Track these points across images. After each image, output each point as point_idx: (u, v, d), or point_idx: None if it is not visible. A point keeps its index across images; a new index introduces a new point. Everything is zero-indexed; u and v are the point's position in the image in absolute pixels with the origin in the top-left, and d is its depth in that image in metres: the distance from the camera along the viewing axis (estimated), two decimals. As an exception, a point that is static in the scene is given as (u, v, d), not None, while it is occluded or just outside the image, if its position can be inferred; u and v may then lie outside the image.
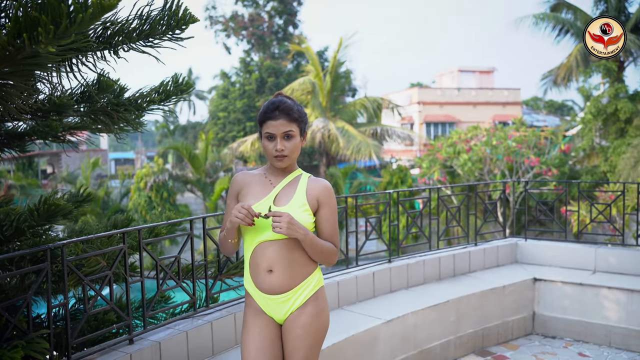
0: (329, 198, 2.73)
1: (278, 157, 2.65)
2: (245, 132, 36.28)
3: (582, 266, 5.85)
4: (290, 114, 2.64)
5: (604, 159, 18.80)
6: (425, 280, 5.49)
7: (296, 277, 2.67)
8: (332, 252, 2.71)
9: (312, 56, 23.01)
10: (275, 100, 2.70)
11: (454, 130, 21.60)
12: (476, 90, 38.35)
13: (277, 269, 2.64)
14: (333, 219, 2.75)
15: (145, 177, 19.89)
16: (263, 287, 2.69)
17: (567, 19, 22.88)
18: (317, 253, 2.65)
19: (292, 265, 2.65)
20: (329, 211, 2.73)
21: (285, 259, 2.64)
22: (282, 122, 2.62)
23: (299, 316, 2.69)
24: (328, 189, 2.74)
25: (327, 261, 2.72)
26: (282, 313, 2.71)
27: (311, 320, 2.70)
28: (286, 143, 2.64)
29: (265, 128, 2.65)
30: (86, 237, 3.13)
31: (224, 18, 38.21)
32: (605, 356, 5.09)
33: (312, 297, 2.71)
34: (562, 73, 22.13)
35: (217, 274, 3.96)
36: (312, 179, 2.76)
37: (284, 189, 2.71)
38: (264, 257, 2.65)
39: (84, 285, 3.11)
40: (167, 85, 3.60)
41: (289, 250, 2.64)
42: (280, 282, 2.65)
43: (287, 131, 2.63)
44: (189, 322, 3.74)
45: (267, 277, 2.66)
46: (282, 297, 2.67)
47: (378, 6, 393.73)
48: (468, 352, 5.15)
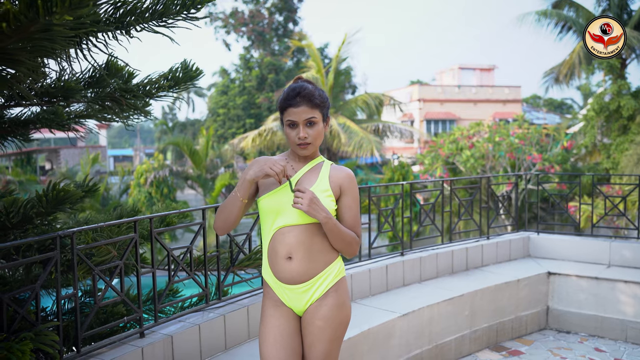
0: (351, 185, 2.62)
1: (301, 145, 2.54)
2: (245, 129, 36.17)
3: (597, 260, 5.74)
4: (312, 100, 2.53)
5: (607, 156, 18.70)
6: (439, 274, 5.38)
7: (316, 265, 2.55)
8: (354, 240, 2.59)
9: (313, 52, 22.85)
10: (295, 85, 2.58)
11: (456, 127, 21.51)
12: (476, 87, 38.26)
13: (296, 256, 2.52)
14: (355, 207, 2.63)
15: (146, 173, 19.73)
16: (282, 275, 2.56)
17: (569, 16, 22.77)
18: (338, 240, 2.53)
19: (312, 251, 2.53)
20: (352, 199, 2.61)
21: (305, 245, 2.52)
22: (304, 109, 2.51)
23: (319, 307, 2.57)
24: (351, 177, 2.63)
25: (348, 250, 2.60)
26: (302, 304, 2.59)
27: (332, 312, 2.58)
28: (309, 130, 2.53)
29: (286, 115, 2.54)
30: (97, 224, 3.01)
31: (224, 14, 38.09)
32: (622, 351, 4.98)
33: (332, 288, 2.59)
34: (564, 70, 22.03)
35: (230, 265, 3.84)
36: (334, 166, 2.65)
37: (305, 175, 2.60)
38: (283, 244, 2.53)
39: (94, 276, 2.98)
40: (177, 72, 3.47)
41: (310, 235, 2.53)
42: (300, 270, 2.53)
43: (309, 118, 2.52)
44: (201, 316, 3.62)
45: (286, 264, 2.54)
46: (301, 287, 2.55)
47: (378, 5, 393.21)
48: (482, 347, 5.04)
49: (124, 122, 3.62)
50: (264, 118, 34.92)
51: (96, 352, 3.03)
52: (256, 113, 38.05)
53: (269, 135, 21.79)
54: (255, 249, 3.96)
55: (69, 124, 3.59)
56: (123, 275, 3.16)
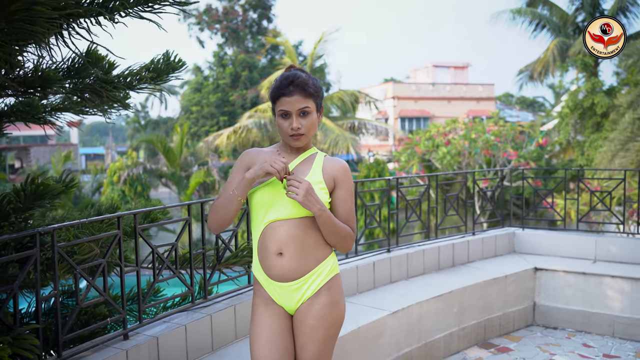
0: (346, 178, 2.50)
1: (294, 136, 2.42)
2: (218, 126, 35.82)
3: (582, 255, 5.71)
4: (305, 89, 2.41)
5: (581, 153, 18.89)
6: (425, 271, 5.29)
7: (308, 261, 2.43)
8: (348, 235, 2.47)
9: (289, 49, 22.71)
10: (288, 74, 2.46)
11: (432, 124, 21.55)
12: (450, 85, 38.44)
13: (287, 252, 2.40)
14: (350, 200, 2.52)
15: (119, 170, 19.38)
16: (272, 272, 2.44)
17: (543, 14, 22.99)
18: (332, 234, 2.42)
19: (303, 247, 2.42)
20: (346, 192, 2.50)
21: (296, 240, 2.40)
22: (297, 98, 2.39)
23: (311, 306, 2.45)
24: (345, 169, 2.52)
25: (342, 245, 2.48)
26: (294, 302, 2.47)
27: (324, 311, 2.46)
28: (302, 120, 2.41)
29: (279, 105, 2.42)
30: (79, 221, 2.85)
31: (197, 11, 37.65)
32: (610, 346, 4.95)
33: (325, 286, 2.48)
34: (538, 68, 22.24)
35: (216, 263, 3.69)
36: (328, 158, 2.53)
37: (298, 167, 2.48)
38: (273, 239, 2.41)
39: (75, 275, 2.82)
40: (158, 63, 3.32)
41: (302, 230, 2.41)
42: (291, 267, 2.41)
43: (303, 108, 2.40)
44: (186, 316, 3.48)
45: (277, 260, 2.42)
46: (292, 284, 2.44)
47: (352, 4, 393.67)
48: (471, 344, 4.97)
49: (104, 115, 3.45)
50: (238, 115, 34.62)
51: (78, 356, 2.88)
52: (230, 111, 37.75)
53: (244, 133, 21.59)
54: (242, 245, 3.83)
55: (44, 118, 3.41)
56: (106, 274, 3.01)
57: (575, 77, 21.96)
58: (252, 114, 23.42)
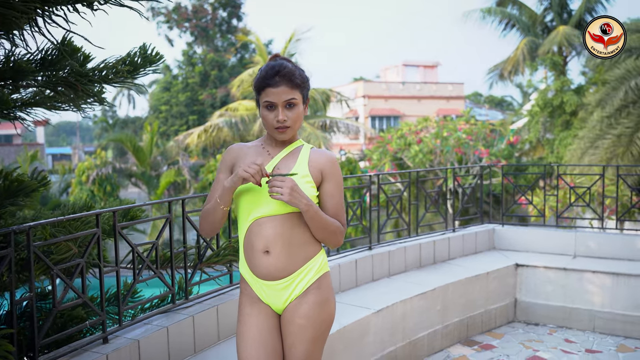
0: (334, 170, 2.40)
1: (280, 129, 2.32)
2: (188, 126, 35.47)
3: (562, 251, 5.71)
4: (292, 80, 2.32)
5: (550, 151, 19.10)
6: (407, 268, 5.23)
7: (296, 259, 2.34)
8: (338, 229, 2.38)
9: (260, 47, 22.56)
10: (274, 64, 2.36)
11: (404, 122, 21.60)
12: (421, 84, 38.63)
13: (274, 249, 2.31)
14: (339, 194, 2.41)
15: (88, 170, 19.01)
16: (259, 271, 2.35)
17: (512, 14, 23.21)
18: (321, 229, 2.32)
19: (291, 245, 2.32)
20: (334, 185, 2.40)
21: (283, 237, 2.31)
22: (284, 89, 2.29)
23: (299, 306, 2.36)
24: (333, 161, 2.41)
25: (332, 240, 2.39)
26: (281, 302, 2.38)
27: (313, 310, 2.37)
28: (288, 112, 2.31)
29: (264, 96, 2.32)
30: (56, 219, 2.70)
31: (166, 9, 37.20)
32: (591, 341, 4.95)
33: (314, 284, 2.38)
34: (509, 67, 22.44)
35: (197, 262, 3.57)
36: (315, 150, 2.43)
37: (283, 160, 2.38)
38: (259, 236, 2.32)
39: (52, 276, 2.68)
40: (135, 56, 3.19)
41: (289, 227, 2.32)
42: (278, 265, 2.32)
43: (289, 99, 2.30)
44: (168, 317, 3.35)
45: (263, 258, 2.32)
46: (280, 283, 2.34)
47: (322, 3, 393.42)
48: (454, 341, 4.92)
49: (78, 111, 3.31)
50: (207, 115, 34.29)
51: (55, 361, 2.73)
52: (199, 110, 37.41)
53: (214, 132, 21.39)
54: (224, 244, 3.71)
55: (14, 113, 3.24)
56: (85, 275, 2.86)
57: (544, 76, 22.22)
58: (222, 112, 23.22)
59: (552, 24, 22.88)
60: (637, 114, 14.76)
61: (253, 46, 38.75)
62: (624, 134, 14.72)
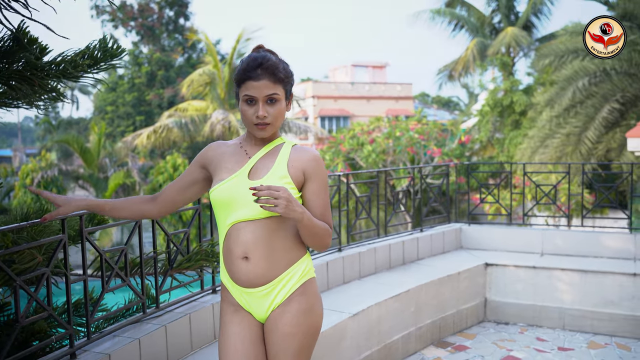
0: (318, 169, 2.23)
1: (259, 125, 2.15)
2: (135, 127, 34.70)
3: (529, 249, 5.71)
4: (275, 74, 2.15)
5: (501, 150, 19.40)
6: (377, 269, 5.12)
7: (277, 265, 2.18)
8: (327, 233, 2.22)
9: (210, 46, 22.17)
10: (256, 55, 2.18)
11: (356, 123, 21.61)
12: (369, 84, 38.79)
13: (253, 255, 2.15)
14: (324, 194, 2.25)
15: (32, 173, 18.27)
16: (238, 277, 2.19)
17: (461, 15, 23.53)
18: (312, 235, 2.16)
19: (272, 250, 2.16)
20: (319, 185, 2.23)
21: (263, 242, 2.15)
22: (265, 83, 2.12)
23: (282, 314, 2.20)
24: (316, 159, 2.23)
25: (321, 244, 2.23)
26: (263, 310, 2.22)
27: (297, 318, 2.21)
28: (269, 108, 2.15)
29: (244, 89, 2.15)
30: (18, 224, 2.46)
31: (111, 8, 36.27)
32: (562, 339, 4.94)
33: (297, 291, 2.22)
34: (459, 67, 22.72)
35: (168, 268, 3.36)
36: (297, 147, 2.25)
37: (261, 160, 2.21)
38: (237, 242, 2.15)
39: (15, 288, 2.43)
40: (94, 50, 2.96)
41: (269, 231, 2.15)
42: (257, 272, 2.16)
43: (271, 94, 2.13)
44: (139, 328, 3.12)
45: (242, 265, 2.16)
46: (260, 290, 2.18)
47: (271, 4, 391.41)
48: (427, 343, 4.83)
49: (31, 108, 3.06)
50: (155, 115, 33.60)
51: (18, 381, 2.49)
52: (146, 110, 36.65)
53: (164, 132, 20.92)
54: (195, 249, 3.51)
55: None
56: (50, 286, 2.63)
57: (492, 77, 22.59)
58: (172, 113, 22.74)
59: (500, 25, 23.31)
60: (584, 114, 15.11)
61: (201, 46, 38.28)
62: (573, 133, 15.04)
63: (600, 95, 15.07)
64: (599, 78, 15.35)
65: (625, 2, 14.77)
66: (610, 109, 14.63)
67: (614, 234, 5.66)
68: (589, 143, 14.70)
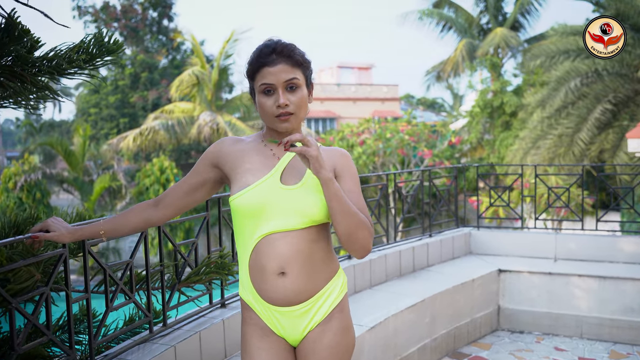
0: (348, 166, 2.01)
1: (282, 117, 1.89)
2: (119, 129, 34.19)
3: (541, 254, 5.50)
4: (292, 57, 1.91)
5: (491, 151, 19.29)
6: (387, 277, 4.88)
7: (317, 280, 1.95)
8: (364, 223, 1.88)
9: (196, 47, 21.89)
10: (269, 42, 1.94)
11: (346, 124, 21.41)
12: (356, 86, 38.65)
13: (292, 270, 1.90)
14: (358, 190, 2.00)
15: (15, 176, 17.82)
16: (271, 296, 1.93)
17: (449, 16, 23.42)
18: (343, 213, 1.83)
19: (312, 263, 1.92)
20: (351, 180, 1.99)
21: (302, 255, 1.90)
22: (283, 67, 1.88)
23: (322, 334, 1.97)
24: (346, 156, 2.03)
25: (359, 237, 1.88)
26: (299, 331, 1.98)
27: (338, 338, 1.99)
28: (290, 96, 1.89)
29: (259, 79, 1.90)
30: (14, 238, 2.18)
31: (94, 8, 35.76)
32: (581, 348, 4.74)
33: (337, 308, 2.00)
34: (448, 68, 22.59)
35: (176, 282, 3.09)
36: (324, 148, 2.02)
37: (295, 159, 1.97)
38: (271, 256, 1.90)
39: (11, 311, 2.16)
40: (89, 45, 2.68)
41: (308, 242, 1.91)
42: (296, 288, 1.92)
43: (290, 79, 1.89)
44: (145, 350, 2.84)
45: (279, 282, 1.91)
46: (298, 308, 1.94)
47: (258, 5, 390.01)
48: (442, 355, 4.60)
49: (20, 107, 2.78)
50: (139, 117, 33.10)
51: (18, 413, 2.22)
52: (130, 112, 36.13)
53: (150, 134, 20.59)
54: (205, 261, 3.24)
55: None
56: (50, 307, 2.35)
57: (480, 78, 22.49)
58: (158, 115, 22.39)
59: (488, 26, 23.23)
60: (577, 115, 15.02)
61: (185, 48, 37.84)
62: (565, 134, 14.95)
63: (592, 96, 15.00)
64: (591, 79, 15.28)
65: (617, 2, 14.68)
66: (603, 110, 14.55)
67: (629, 237, 5.47)
68: (582, 144, 14.61)
